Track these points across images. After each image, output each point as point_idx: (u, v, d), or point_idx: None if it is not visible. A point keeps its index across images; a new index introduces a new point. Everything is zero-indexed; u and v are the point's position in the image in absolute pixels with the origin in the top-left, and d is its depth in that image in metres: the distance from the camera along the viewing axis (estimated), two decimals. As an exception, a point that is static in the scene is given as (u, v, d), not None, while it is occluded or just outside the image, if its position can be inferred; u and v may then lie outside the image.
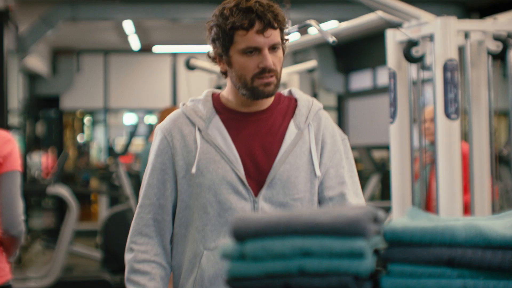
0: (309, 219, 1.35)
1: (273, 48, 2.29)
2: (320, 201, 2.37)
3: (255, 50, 2.27)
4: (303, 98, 2.44)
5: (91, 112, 16.85)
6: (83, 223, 13.15)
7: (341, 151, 2.40)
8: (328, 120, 2.43)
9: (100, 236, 9.32)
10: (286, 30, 2.34)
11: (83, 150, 17.00)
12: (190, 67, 6.99)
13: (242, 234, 1.37)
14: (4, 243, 3.32)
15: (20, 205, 3.28)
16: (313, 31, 6.01)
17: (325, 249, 1.34)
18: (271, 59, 2.27)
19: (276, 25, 2.27)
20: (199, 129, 2.34)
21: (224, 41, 2.29)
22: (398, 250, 1.40)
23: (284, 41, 2.34)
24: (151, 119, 16.39)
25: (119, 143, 15.60)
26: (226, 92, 2.41)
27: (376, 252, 1.42)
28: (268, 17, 2.25)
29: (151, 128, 15.12)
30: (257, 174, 2.31)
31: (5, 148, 3.24)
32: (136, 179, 9.75)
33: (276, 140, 2.34)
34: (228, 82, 2.40)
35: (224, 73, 2.39)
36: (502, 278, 1.37)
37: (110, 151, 14.96)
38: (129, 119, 16.95)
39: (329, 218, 1.34)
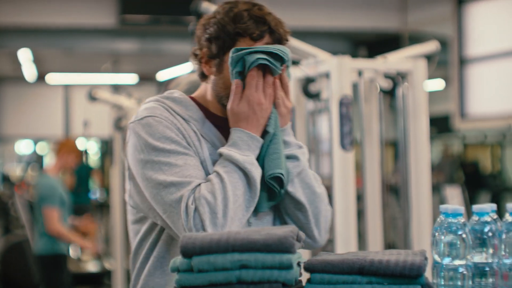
0: (245, 238, 1.61)
1: None
2: None
3: None
4: None
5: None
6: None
7: None
8: None
9: (-4, 266, 9.25)
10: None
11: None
12: (92, 98, 7.08)
13: (189, 252, 1.61)
14: None
15: None
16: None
17: (259, 262, 1.60)
18: None
19: (284, 43, 2.09)
20: (195, 129, 2.09)
21: (224, 43, 2.06)
22: (318, 262, 1.67)
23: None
24: (43, 148, 16.29)
25: (11, 172, 15.42)
26: (204, 96, 2.17)
27: (298, 264, 1.69)
28: (280, 33, 2.07)
29: (41, 158, 15.06)
30: None
31: None
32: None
33: None
34: (206, 87, 2.16)
35: (204, 77, 2.16)
36: (402, 283, 1.65)
37: (6, 180, 14.77)
38: (21, 148, 16.79)
39: (262, 236, 1.61)
